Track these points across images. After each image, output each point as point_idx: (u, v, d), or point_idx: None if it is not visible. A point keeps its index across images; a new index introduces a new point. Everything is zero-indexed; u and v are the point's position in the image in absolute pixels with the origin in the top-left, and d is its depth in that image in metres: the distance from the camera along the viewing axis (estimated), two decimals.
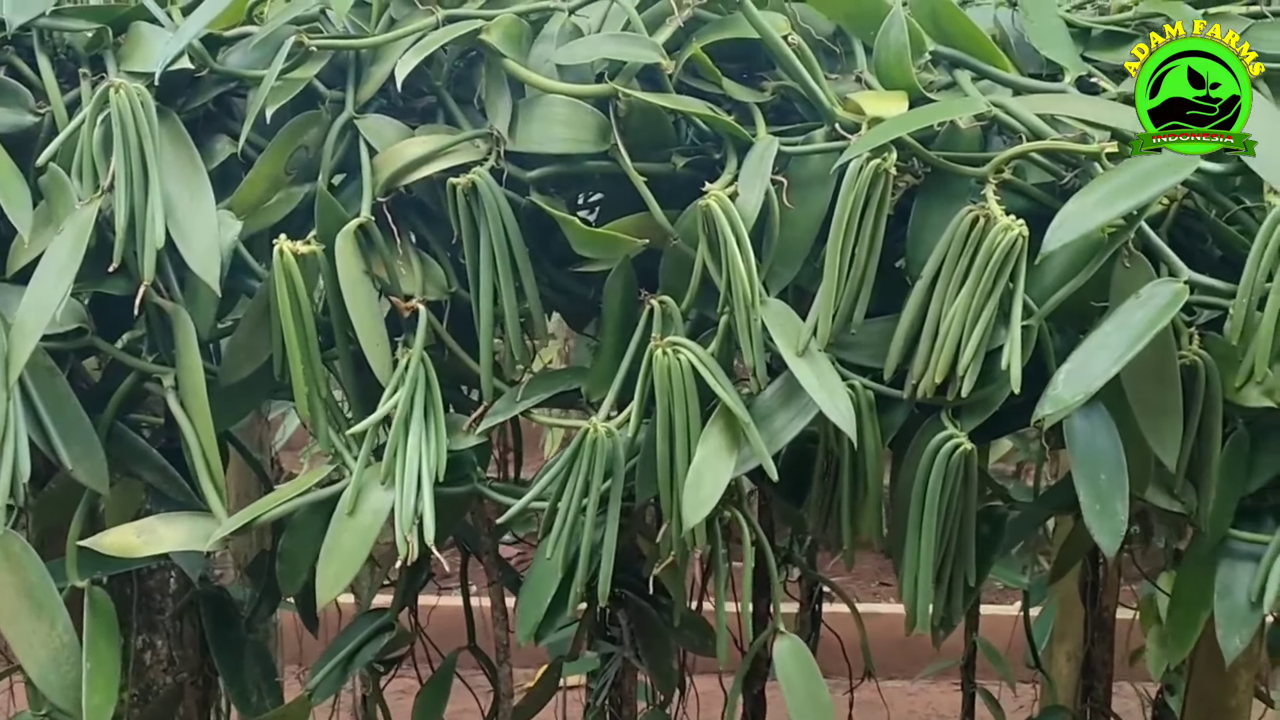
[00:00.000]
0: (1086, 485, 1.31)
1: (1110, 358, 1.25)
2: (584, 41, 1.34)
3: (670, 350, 1.31)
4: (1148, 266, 1.30)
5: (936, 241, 1.31)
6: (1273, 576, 1.34)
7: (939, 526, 1.34)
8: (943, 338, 1.30)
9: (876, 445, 1.36)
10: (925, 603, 1.35)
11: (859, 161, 1.27)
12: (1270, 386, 1.29)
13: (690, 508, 1.29)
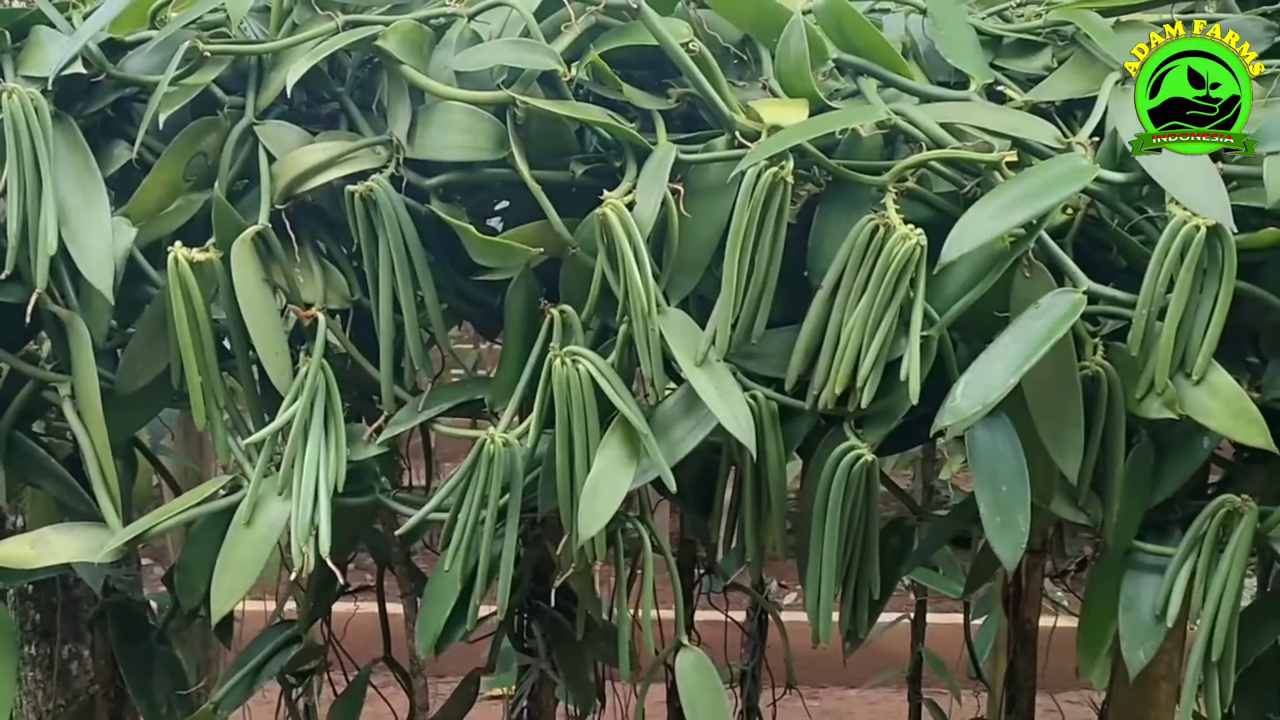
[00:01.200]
0: (987, 497, 1.30)
1: (1008, 368, 1.24)
2: (482, 48, 1.33)
3: (569, 361, 1.30)
4: (1048, 276, 1.29)
5: (838, 251, 1.30)
6: (1176, 589, 1.33)
7: (841, 538, 1.33)
8: (843, 348, 1.29)
9: (779, 456, 1.35)
10: (828, 614, 1.34)
11: (756, 170, 1.26)
12: (1171, 398, 1.28)
13: (586, 519, 1.28)
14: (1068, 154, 1.29)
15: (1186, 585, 1.33)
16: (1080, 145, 1.30)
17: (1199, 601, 1.32)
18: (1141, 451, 1.35)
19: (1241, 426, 1.26)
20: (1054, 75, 1.43)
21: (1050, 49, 1.46)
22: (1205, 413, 1.27)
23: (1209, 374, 1.27)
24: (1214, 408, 1.27)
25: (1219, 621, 1.31)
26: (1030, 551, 1.92)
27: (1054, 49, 1.47)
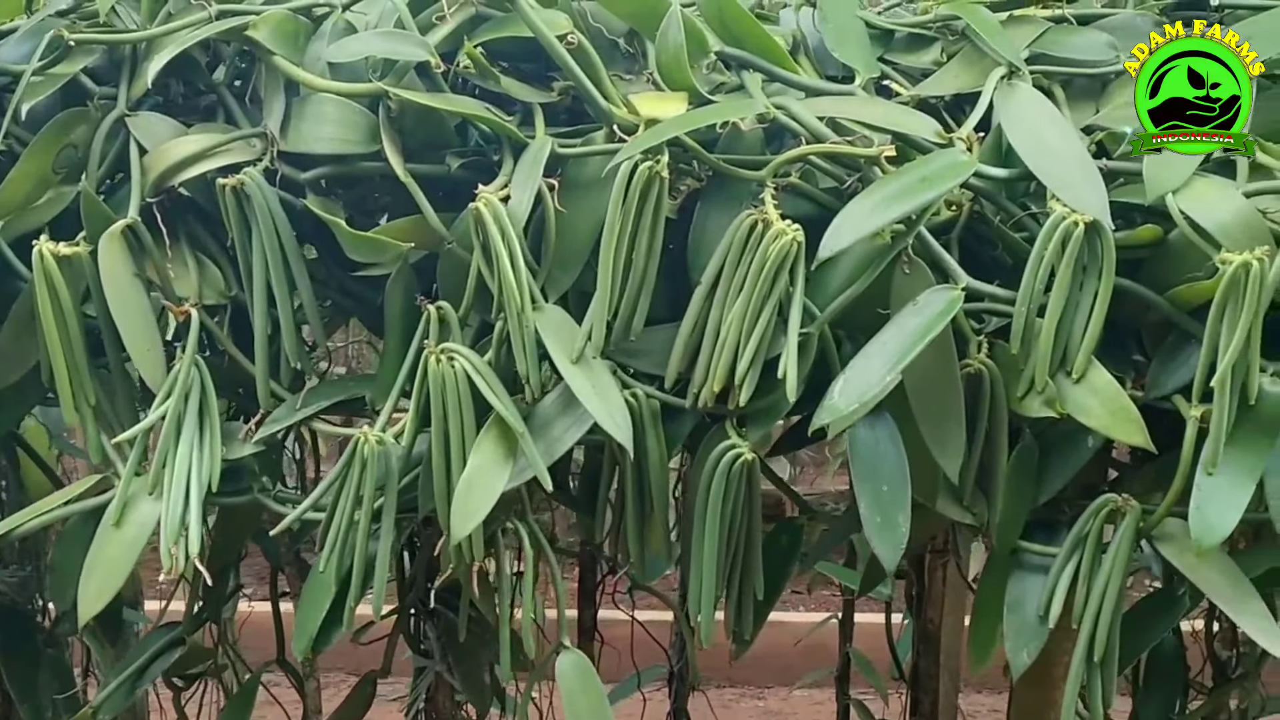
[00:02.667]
0: (868, 497, 1.28)
1: (885, 366, 1.23)
2: (354, 39, 1.30)
3: (444, 358, 1.27)
4: (927, 273, 1.27)
5: (718, 246, 1.28)
6: (1059, 590, 1.32)
7: (722, 538, 1.31)
8: (721, 345, 1.27)
9: (661, 456, 1.33)
10: (709, 616, 1.32)
11: (630, 163, 1.23)
12: (1051, 396, 1.26)
13: (459, 519, 1.25)
14: (947, 149, 1.27)
15: (1070, 585, 1.32)
16: (961, 140, 1.28)
17: (1082, 602, 1.31)
18: (1025, 451, 1.33)
19: (1120, 425, 1.24)
20: (943, 70, 1.42)
21: (941, 44, 1.45)
22: (1085, 411, 1.25)
23: (1089, 372, 1.26)
24: (1093, 406, 1.25)
25: (1100, 622, 1.29)
26: (932, 551, 1.91)
27: (945, 44, 1.45)
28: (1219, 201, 1.25)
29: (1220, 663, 1.89)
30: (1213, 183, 1.27)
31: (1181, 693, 1.92)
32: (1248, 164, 1.30)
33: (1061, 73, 1.40)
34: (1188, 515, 1.22)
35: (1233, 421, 1.22)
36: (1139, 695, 1.85)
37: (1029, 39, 1.41)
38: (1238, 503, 1.21)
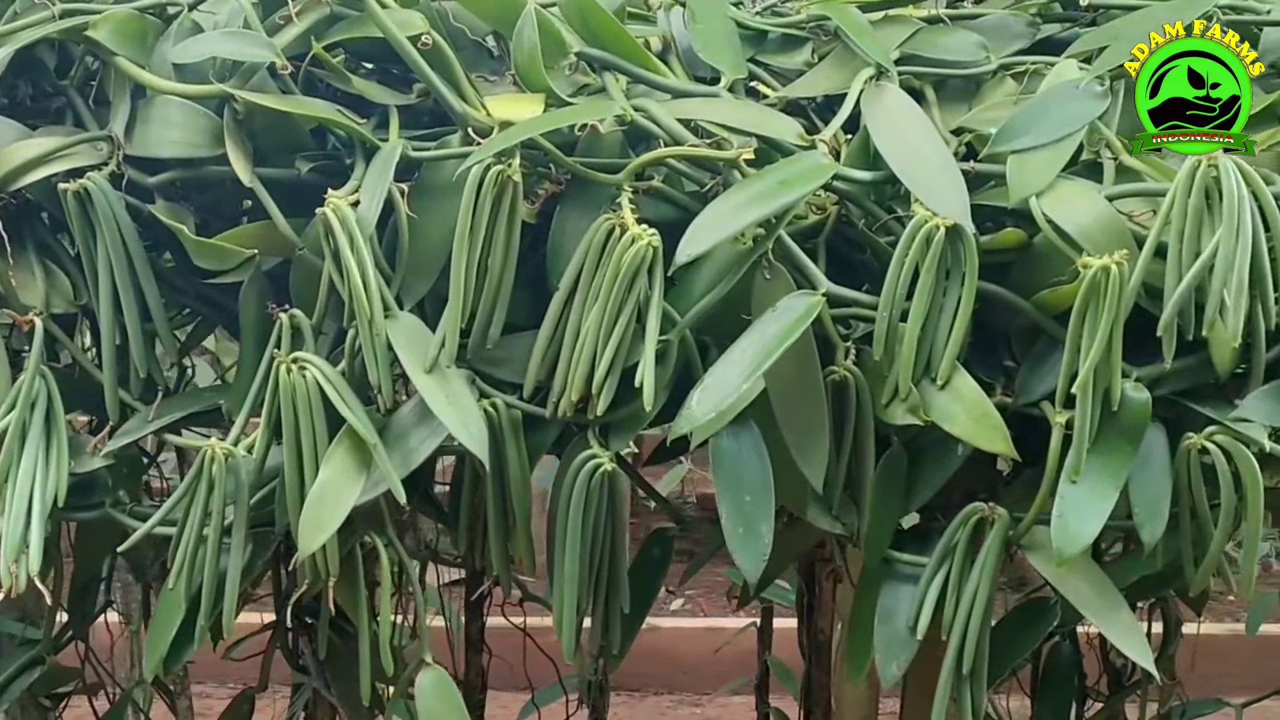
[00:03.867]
0: (730, 507, 1.25)
1: (742, 373, 1.20)
2: (198, 39, 1.27)
3: (295, 367, 1.24)
4: (788, 278, 1.24)
5: (576, 251, 1.25)
6: (928, 600, 1.29)
7: (585, 550, 1.28)
8: (578, 353, 1.24)
9: (522, 466, 1.30)
10: (571, 629, 1.29)
11: (481, 167, 1.20)
12: (915, 404, 1.24)
13: (308, 533, 1.22)
14: (808, 152, 1.25)
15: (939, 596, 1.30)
16: (823, 143, 1.26)
17: (951, 613, 1.29)
18: (892, 459, 1.31)
19: (984, 432, 1.22)
20: (813, 71, 1.40)
21: (813, 44, 1.42)
22: (949, 418, 1.23)
23: (954, 378, 1.24)
24: (957, 413, 1.23)
25: (970, 632, 1.27)
26: (821, 560, 1.89)
27: (817, 44, 1.42)
28: (1081, 204, 1.23)
29: (1115, 670, 1.87)
30: (1076, 186, 1.25)
31: (1078, 700, 1.91)
32: (1114, 166, 1.28)
33: (933, 73, 1.38)
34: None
35: (1096, 428, 1.20)
36: (1035, 704, 1.84)
37: (900, 39, 1.39)
38: (1100, 511, 1.19)
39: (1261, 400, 1.22)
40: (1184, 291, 1.16)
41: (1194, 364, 1.24)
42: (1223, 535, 1.22)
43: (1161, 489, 1.22)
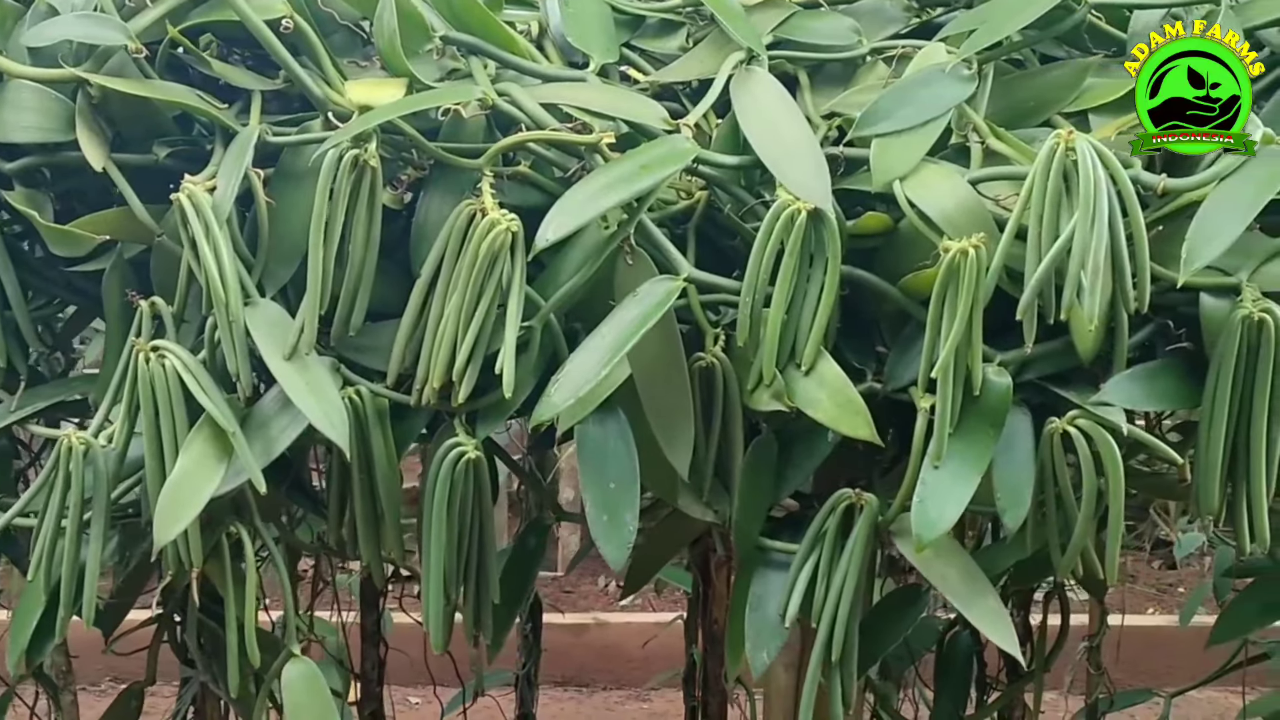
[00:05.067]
0: (594, 494, 1.24)
1: (600, 360, 1.19)
2: (52, 22, 1.24)
3: (154, 355, 1.22)
4: (650, 264, 1.23)
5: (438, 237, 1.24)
6: (798, 588, 1.28)
7: (453, 539, 1.26)
8: (439, 339, 1.22)
9: (389, 456, 1.28)
10: (439, 620, 1.27)
11: (337, 151, 1.19)
12: (779, 390, 1.23)
13: (164, 523, 1.20)
14: (670, 136, 1.24)
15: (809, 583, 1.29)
16: (687, 127, 1.25)
17: (821, 600, 1.28)
18: (762, 445, 1.30)
19: (847, 418, 1.21)
20: (687, 55, 1.39)
21: (688, 29, 1.41)
22: (813, 404, 1.22)
23: (819, 364, 1.23)
24: (821, 399, 1.22)
25: (839, 620, 1.26)
26: (715, 551, 1.88)
27: (693, 29, 1.41)
28: (945, 188, 1.23)
29: (1012, 659, 1.87)
30: (940, 170, 1.24)
31: (979, 689, 1.91)
32: (982, 150, 1.28)
33: (806, 58, 1.37)
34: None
35: (958, 413, 1.19)
36: (935, 693, 1.83)
37: (774, 23, 1.38)
38: (960, 497, 1.18)
39: (1123, 384, 1.21)
40: (1042, 274, 1.15)
41: (1059, 348, 1.23)
42: (1085, 521, 1.21)
43: (1024, 474, 1.21)
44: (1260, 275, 1.21)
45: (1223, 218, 1.14)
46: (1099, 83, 1.30)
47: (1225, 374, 1.19)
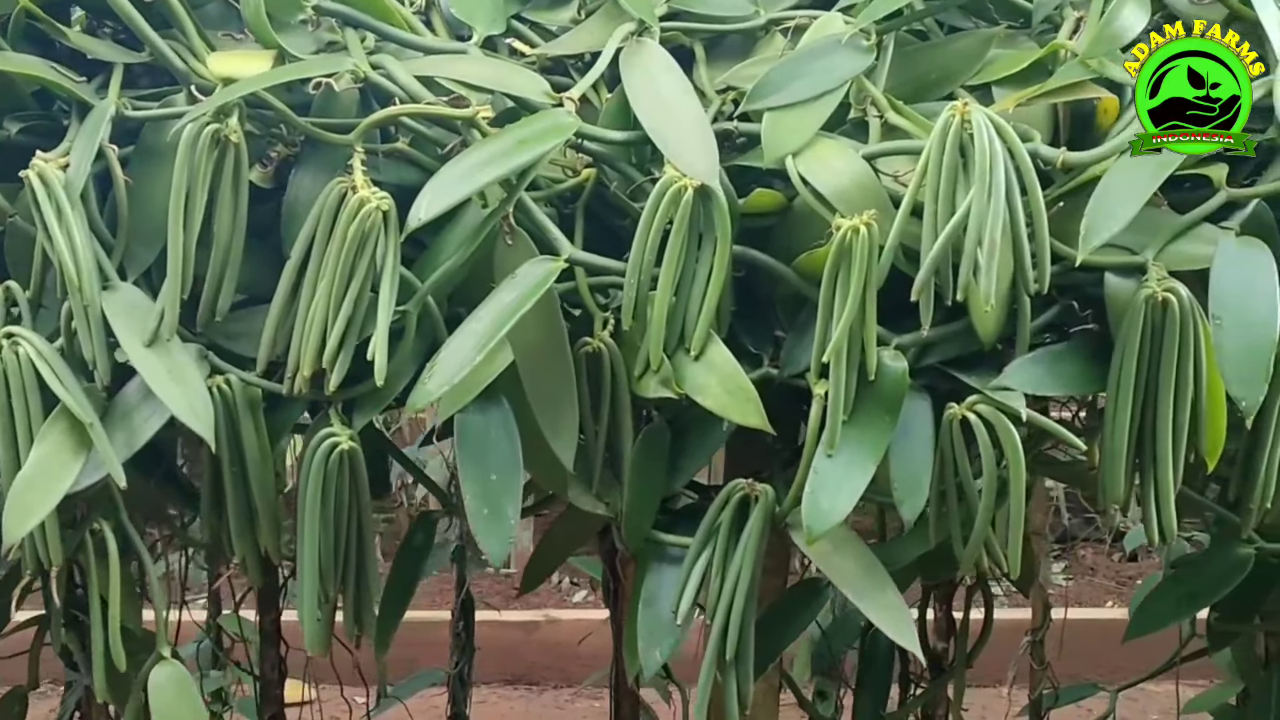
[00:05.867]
0: (473, 487, 1.18)
1: (475, 345, 1.13)
2: None
3: (7, 343, 1.16)
4: (529, 244, 1.17)
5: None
6: (690, 583, 1.23)
7: (328, 533, 1.20)
8: (309, 325, 1.16)
9: (262, 447, 1.22)
10: (313, 619, 1.21)
11: (196, 126, 1.12)
12: (667, 375, 1.17)
13: (14, 519, 1.13)
14: (552, 110, 1.18)
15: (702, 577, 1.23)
16: (569, 101, 1.19)
17: (715, 596, 1.22)
18: (652, 434, 1.24)
19: (737, 405, 1.16)
20: (579, 28, 1.33)
21: (579, 1, 1.35)
22: (702, 391, 1.16)
23: (708, 349, 1.17)
24: (711, 385, 1.16)
25: (733, 616, 1.20)
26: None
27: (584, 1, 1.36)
28: (839, 164, 1.17)
29: (935, 655, 1.82)
30: (834, 145, 1.19)
31: (902, 686, 1.86)
32: (880, 125, 1.22)
33: (701, 29, 1.31)
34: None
35: (853, 399, 1.14)
36: (856, 690, 1.78)
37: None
38: (854, 487, 1.13)
39: (1024, 367, 1.16)
40: (937, 252, 1.10)
41: (961, 330, 1.18)
42: (986, 512, 1.16)
43: (922, 462, 1.16)
44: (1167, 254, 1.16)
45: (1122, 194, 1.09)
46: (1003, 54, 1.25)
47: (1129, 357, 1.13)
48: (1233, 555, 1.39)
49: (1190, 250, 1.16)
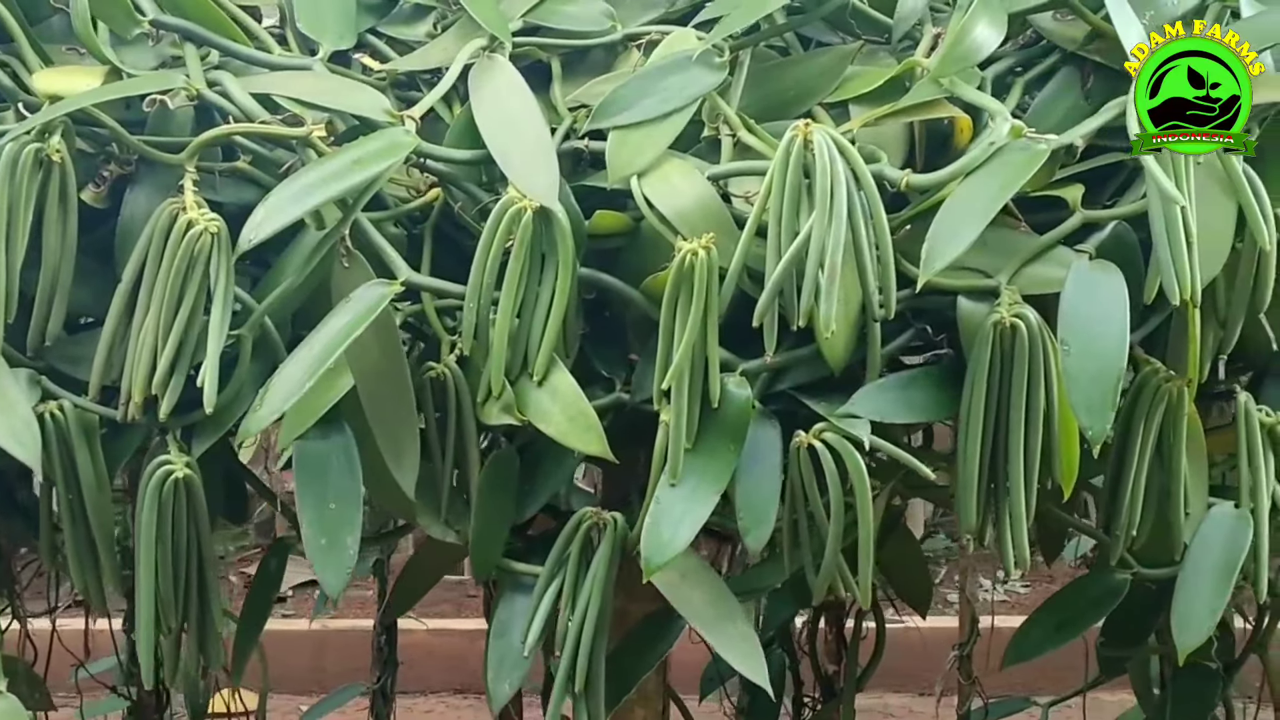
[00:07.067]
0: (312, 515, 1.14)
1: (307, 370, 1.10)
2: None
3: None
4: (366, 267, 1.14)
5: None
6: (540, 613, 1.19)
7: (164, 563, 1.16)
8: (139, 349, 1.13)
9: (99, 474, 1.18)
10: (148, 651, 1.18)
11: (14, 146, 1.09)
12: (509, 402, 1.14)
13: None
14: (390, 128, 1.14)
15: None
16: (410, 119, 1.15)
17: (564, 626, 1.19)
18: (500, 461, 1.21)
19: (577, 432, 1.13)
20: (432, 43, 1.30)
21: (436, 14, 1.32)
22: (545, 417, 1.13)
23: (551, 374, 1.14)
24: (554, 412, 1.13)
25: (581, 647, 1.17)
26: None
27: (445, 14, 1.32)
28: (683, 185, 1.15)
29: (827, 678, 1.80)
30: (680, 165, 1.16)
31: (795, 708, 1.84)
32: (733, 144, 1.19)
33: (556, 44, 1.28)
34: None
35: (695, 427, 1.11)
36: (745, 715, 1.76)
37: (526, 8, 1.29)
38: (695, 517, 1.10)
39: (872, 394, 1.13)
40: (779, 277, 1.07)
41: (811, 356, 1.15)
42: (835, 540, 1.13)
43: (769, 491, 1.13)
44: (1021, 277, 1.14)
45: (965, 215, 1.06)
46: (861, 71, 1.23)
47: (979, 383, 1.11)
48: (1107, 582, 1.37)
49: (1044, 274, 1.14)
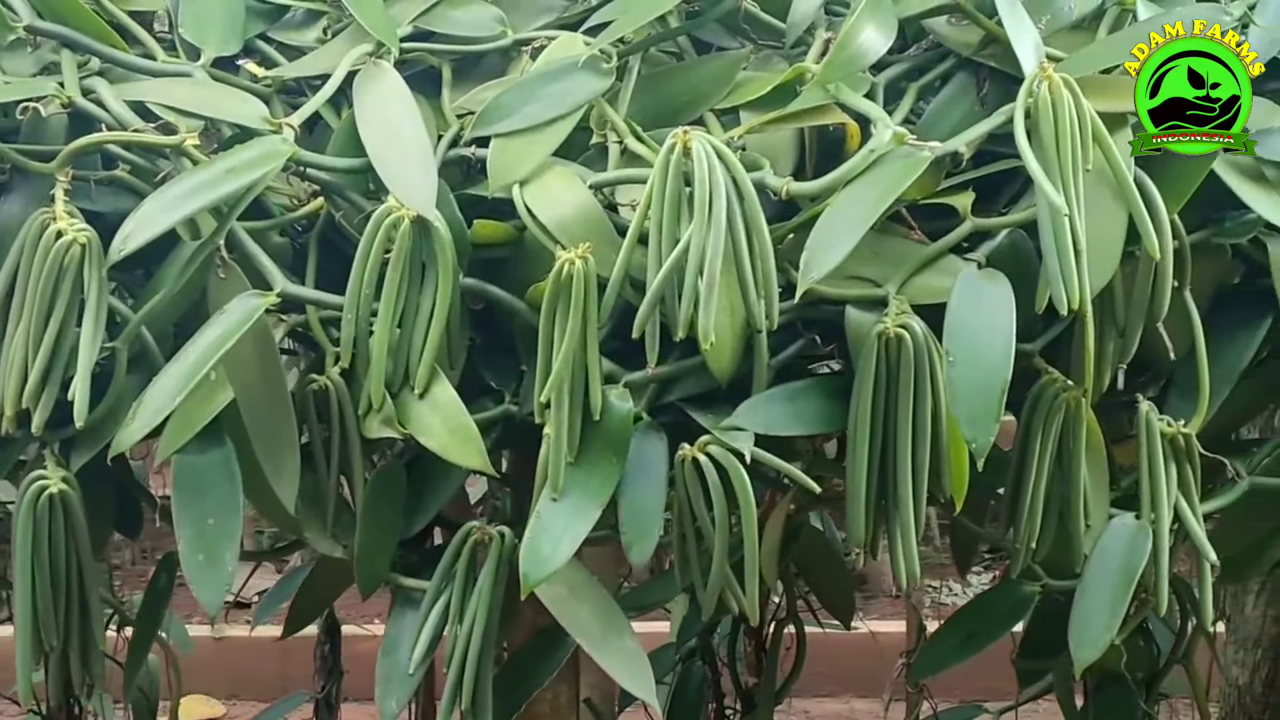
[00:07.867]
0: (189, 531, 1.12)
1: (179, 383, 1.08)
2: None
3: None
4: (242, 277, 1.12)
5: None
6: (426, 630, 1.17)
7: (42, 581, 1.14)
8: (9, 362, 1.10)
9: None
10: (26, 671, 1.15)
11: None
12: (390, 415, 1.12)
13: None
14: (267, 136, 1.12)
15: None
16: (289, 127, 1.13)
17: (451, 643, 1.17)
18: (385, 474, 1.19)
19: (458, 445, 1.11)
20: (321, 49, 1.27)
21: (327, 19, 1.30)
22: (426, 431, 1.11)
23: (432, 387, 1.12)
24: (435, 425, 1.11)
25: (468, 664, 1.15)
26: None
27: (336, 19, 1.30)
28: (563, 194, 1.13)
29: (747, 691, 1.77)
30: (562, 173, 1.14)
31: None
32: (620, 152, 1.17)
33: (444, 50, 1.26)
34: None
35: (577, 440, 1.09)
36: None
37: (415, 13, 1.27)
38: (576, 532, 1.08)
39: (759, 406, 1.11)
40: (659, 286, 1.05)
41: (698, 366, 1.13)
42: (721, 554, 1.11)
43: (653, 505, 1.11)
44: (910, 287, 1.12)
45: (843, 224, 1.04)
46: (752, 76, 1.21)
47: (865, 395, 1.09)
48: (1016, 594, 1.35)
49: (934, 283, 1.12)
